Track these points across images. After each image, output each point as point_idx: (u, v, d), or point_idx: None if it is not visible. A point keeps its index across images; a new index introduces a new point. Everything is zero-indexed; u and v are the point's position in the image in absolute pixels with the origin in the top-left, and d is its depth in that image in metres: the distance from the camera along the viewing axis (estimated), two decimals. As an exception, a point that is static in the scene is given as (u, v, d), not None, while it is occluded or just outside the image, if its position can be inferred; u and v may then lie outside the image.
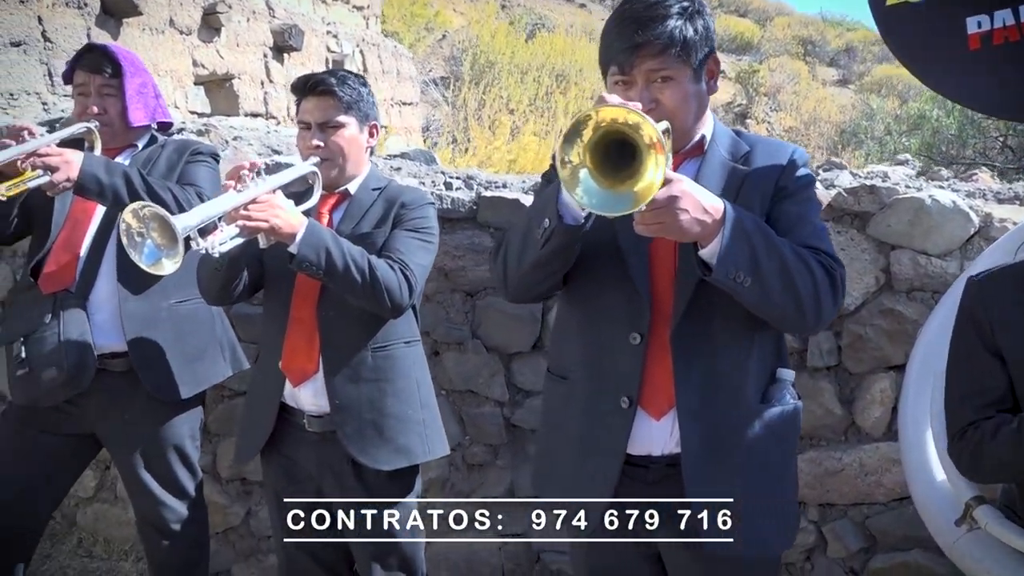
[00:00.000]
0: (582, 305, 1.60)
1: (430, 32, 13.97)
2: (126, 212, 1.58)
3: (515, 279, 1.55)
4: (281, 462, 2.11)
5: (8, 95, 3.63)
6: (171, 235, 1.58)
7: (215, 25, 4.94)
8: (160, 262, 1.61)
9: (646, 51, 1.47)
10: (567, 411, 1.62)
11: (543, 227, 1.42)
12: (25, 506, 2.28)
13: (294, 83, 2.13)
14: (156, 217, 1.58)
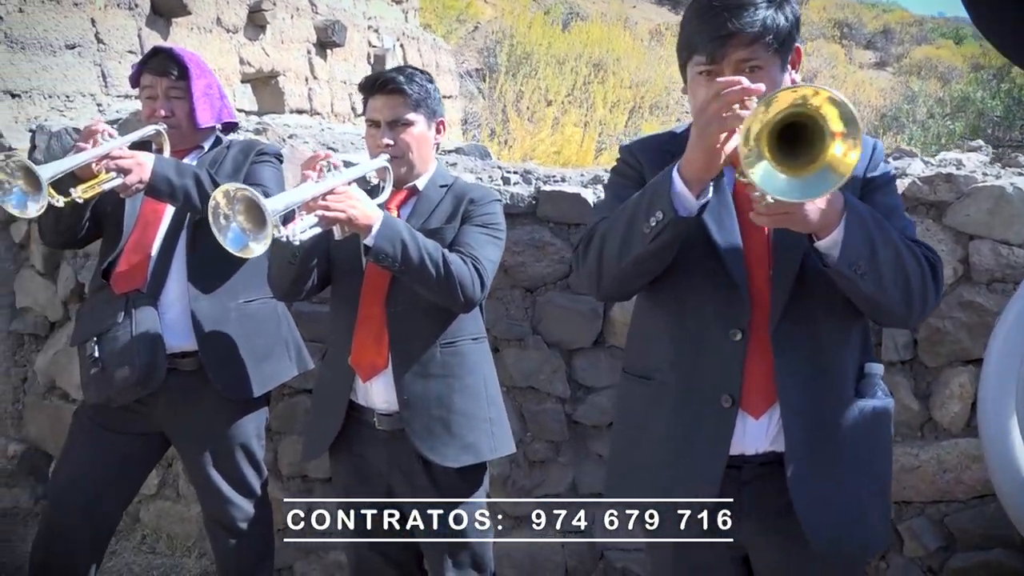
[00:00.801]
0: (672, 303, 1.56)
1: (462, 24, 13.94)
2: (218, 192, 1.57)
3: (612, 276, 1.49)
4: (351, 460, 2.11)
5: (64, 97, 3.67)
6: (258, 218, 1.58)
7: (260, 23, 4.96)
8: (247, 246, 1.60)
9: (738, 40, 1.43)
10: (654, 412, 1.58)
11: (654, 220, 1.36)
12: (98, 505, 2.32)
13: (362, 82, 2.12)
14: (245, 199, 1.57)
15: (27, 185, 1.98)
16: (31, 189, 1.98)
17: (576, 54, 9.27)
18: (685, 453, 1.52)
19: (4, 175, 1.97)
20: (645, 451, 1.59)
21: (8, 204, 1.98)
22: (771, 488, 1.49)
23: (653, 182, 1.40)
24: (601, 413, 2.80)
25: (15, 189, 1.98)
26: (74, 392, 3.36)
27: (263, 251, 1.60)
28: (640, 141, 1.75)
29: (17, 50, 3.50)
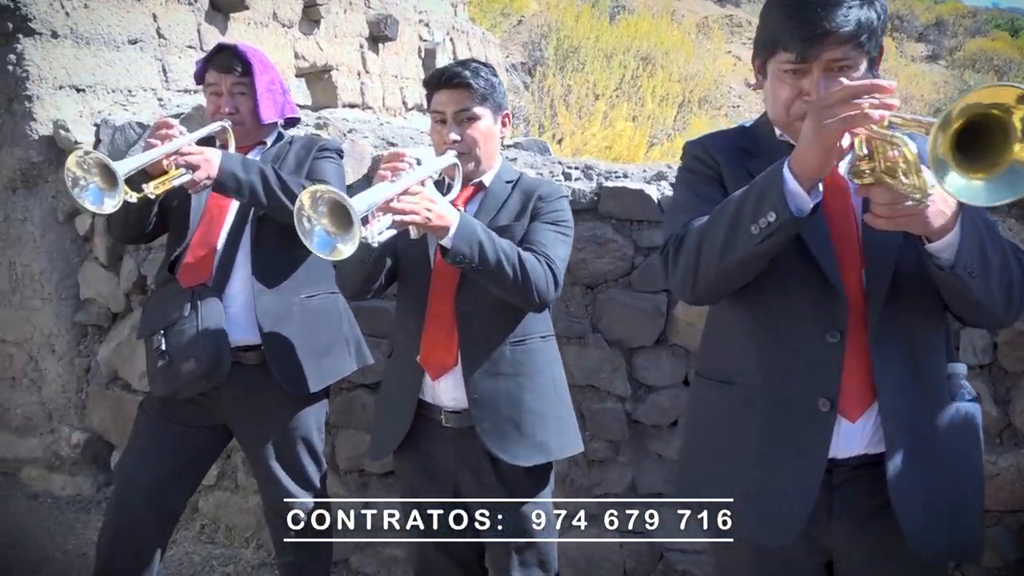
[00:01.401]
0: (760, 305, 1.51)
1: (506, 17, 13.92)
2: (304, 194, 1.56)
3: (711, 279, 1.44)
4: (418, 458, 2.10)
5: (127, 91, 3.72)
6: (343, 220, 1.56)
7: (315, 17, 4.98)
8: (336, 248, 1.58)
9: (832, 39, 1.38)
10: (740, 418, 1.53)
11: (765, 221, 1.31)
12: (163, 495, 2.35)
13: (427, 77, 2.11)
14: (330, 201, 1.56)
15: (103, 182, 2.00)
16: (107, 186, 1.99)
17: (624, 47, 9.18)
18: (778, 459, 1.48)
19: (81, 171, 1.99)
20: (731, 457, 1.55)
21: (85, 200, 2.01)
22: (863, 490, 1.46)
23: (760, 181, 1.35)
24: (662, 413, 2.76)
25: (91, 186, 2.00)
26: (136, 382, 3.41)
27: (351, 252, 1.58)
28: (709, 137, 1.71)
29: (82, 45, 3.55)
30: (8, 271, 3.58)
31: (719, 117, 9.49)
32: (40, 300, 3.53)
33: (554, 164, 2.99)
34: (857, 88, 1.22)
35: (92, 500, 3.55)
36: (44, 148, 3.42)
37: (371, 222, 1.67)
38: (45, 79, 3.39)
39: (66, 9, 3.49)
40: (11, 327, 3.64)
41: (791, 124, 1.49)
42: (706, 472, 1.62)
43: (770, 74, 1.50)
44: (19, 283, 3.57)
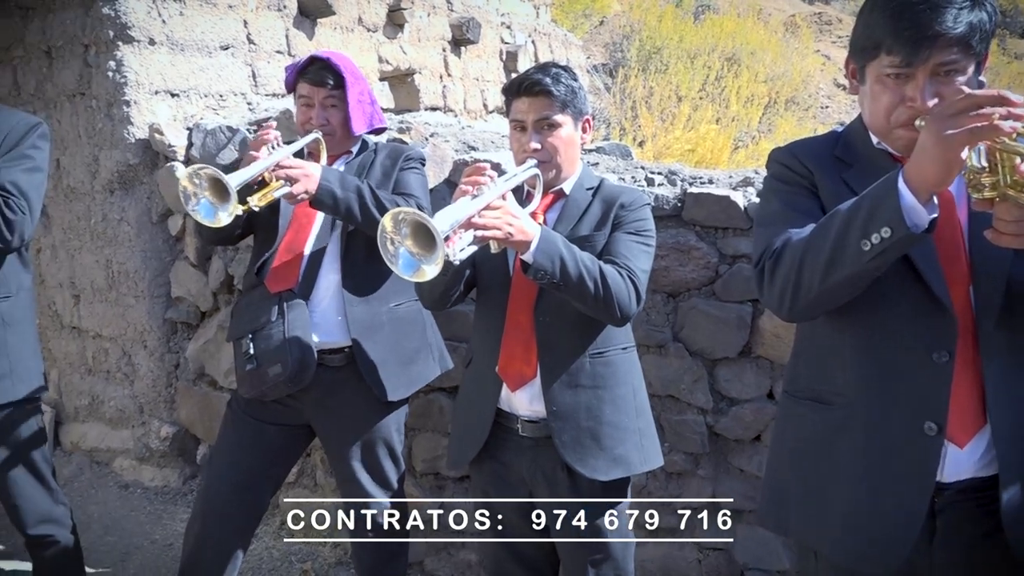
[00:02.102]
0: (861, 323, 1.43)
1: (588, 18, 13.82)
2: (386, 218, 1.56)
3: (812, 296, 1.36)
4: (493, 466, 2.09)
5: (218, 96, 3.83)
6: (426, 241, 1.56)
7: (399, 22, 5.03)
8: (420, 269, 1.59)
9: (942, 42, 1.30)
10: (837, 440, 1.46)
11: (878, 236, 1.23)
12: (248, 491, 2.41)
13: (506, 84, 2.08)
14: (412, 223, 1.56)
15: (213, 195, 2.04)
16: (218, 200, 2.04)
17: (708, 48, 8.99)
18: (881, 485, 1.40)
19: (192, 186, 2.04)
20: (825, 481, 1.48)
21: (197, 214, 2.06)
22: (969, 514, 1.39)
23: (871, 193, 1.27)
24: (745, 427, 2.68)
25: (203, 200, 2.05)
26: (221, 379, 3.50)
27: (436, 272, 1.57)
28: (798, 145, 1.64)
29: (177, 52, 3.67)
30: (105, 269, 3.73)
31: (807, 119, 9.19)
32: (134, 297, 3.67)
33: (636, 169, 2.94)
34: (983, 98, 1.14)
35: (179, 492, 3.66)
36: (140, 151, 3.55)
37: (452, 239, 1.66)
38: (142, 84, 3.51)
39: (163, 17, 3.61)
40: (107, 323, 3.79)
41: (891, 132, 1.41)
42: (796, 496, 1.55)
43: (869, 78, 1.43)
44: (115, 280, 3.71)
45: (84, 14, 3.55)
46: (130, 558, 3.21)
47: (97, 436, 3.91)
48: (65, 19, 3.62)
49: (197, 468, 3.72)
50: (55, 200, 3.83)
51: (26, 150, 2.25)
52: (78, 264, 3.84)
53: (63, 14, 3.64)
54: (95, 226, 3.71)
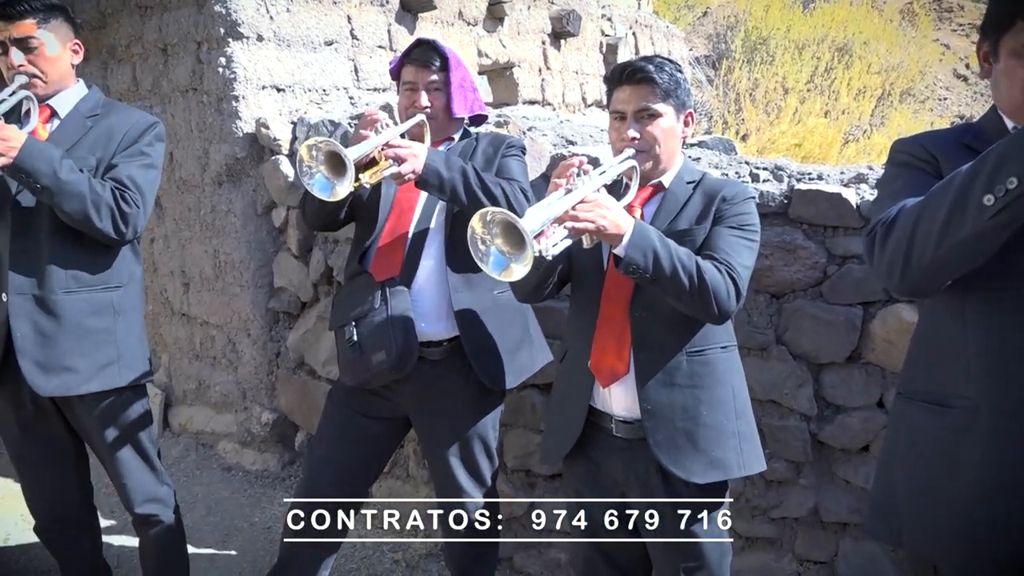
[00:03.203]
0: (988, 317, 1.32)
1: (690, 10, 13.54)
2: (475, 219, 1.55)
3: (926, 262, 1.27)
4: (586, 465, 2.05)
5: (321, 91, 3.90)
6: (516, 240, 1.53)
7: (499, 15, 5.02)
8: (509, 268, 1.56)
9: None
10: (956, 447, 1.35)
11: (1003, 188, 1.14)
12: (348, 480, 2.45)
13: (608, 73, 2.03)
14: (502, 222, 1.53)
15: (329, 170, 2.05)
16: (333, 174, 2.05)
17: (818, 38, 8.63)
18: (1009, 494, 1.29)
19: (309, 159, 2.05)
20: (945, 490, 1.37)
21: (313, 188, 2.07)
22: None
23: (996, 148, 1.16)
24: (852, 436, 2.54)
25: (318, 174, 2.06)
26: (319, 369, 3.58)
27: (526, 272, 1.54)
28: (924, 135, 1.54)
29: (284, 47, 3.76)
30: (213, 258, 3.86)
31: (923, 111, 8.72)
32: (239, 287, 3.79)
33: (741, 164, 2.82)
34: None
35: (277, 477, 3.77)
36: (247, 145, 3.65)
37: (545, 234, 1.63)
38: (250, 80, 3.62)
39: (271, 14, 3.70)
40: (214, 311, 3.93)
41: None
42: (910, 505, 1.45)
43: (1003, 54, 1.32)
44: (222, 270, 3.84)
45: (197, 12, 3.68)
46: (231, 539, 3.32)
47: (203, 419, 4.07)
48: (180, 17, 3.76)
49: (295, 454, 3.81)
50: (168, 192, 4.00)
51: (143, 147, 2.33)
52: (188, 253, 3.99)
53: (178, 12, 3.78)
54: (204, 217, 3.85)
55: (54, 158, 2.15)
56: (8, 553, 3.22)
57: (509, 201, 2.23)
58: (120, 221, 2.26)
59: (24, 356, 2.23)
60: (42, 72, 2.27)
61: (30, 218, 2.25)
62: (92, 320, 2.31)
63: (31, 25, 2.24)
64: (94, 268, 2.31)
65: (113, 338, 2.34)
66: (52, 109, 2.34)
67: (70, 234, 2.25)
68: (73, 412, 2.38)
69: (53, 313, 2.25)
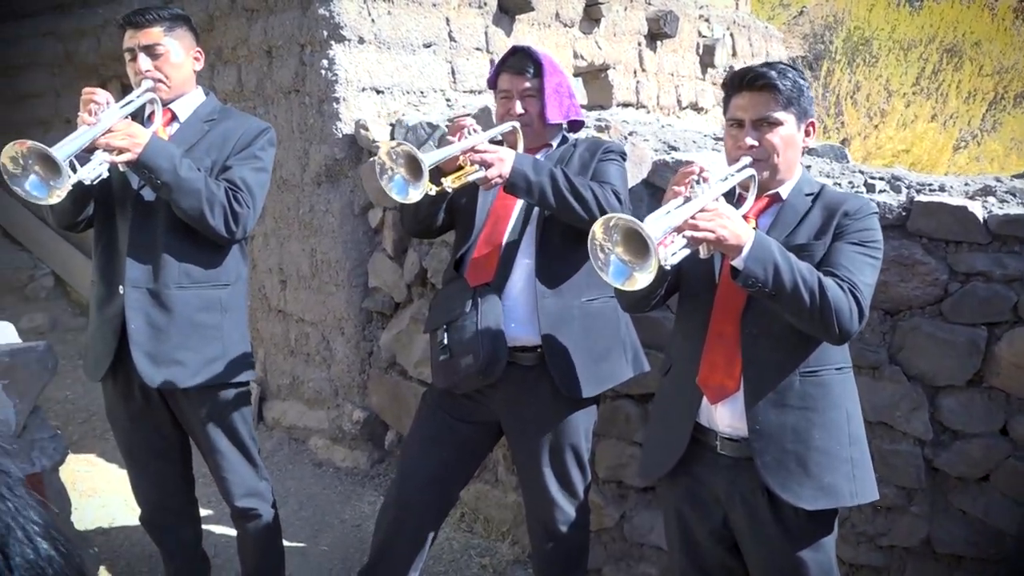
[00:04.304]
0: None
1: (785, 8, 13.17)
2: (596, 225, 1.52)
3: None
4: (687, 482, 1.99)
5: (419, 93, 3.92)
6: (638, 247, 1.50)
7: (595, 16, 4.96)
8: (632, 277, 1.54)
9: None
10: None
11: None
12: (440, 483, 2.47)
13: (727, 78, 1.96)
14: (624, 229, 1.50)
15: (408, 172, 2.10)
16: (411, 177, 2.10)
17: (926, 38, 8.25)
18: None
19: (389, 161, 2.10)
20: None
21: (391, 190, 2.12)
22: None
23: None
24: (971, 464, 2.40)
25: (397, 176, 2.11)
26: (411, 370, 3.60)
27: (649, 281, 1.51)
28: None
29: (383, 50, 3.80)
30: (310, 257, 3.93)
31: (1038, 115, 8.24)
32: (335, 286, 3.84)
33: (854, 173, 2.70)
34: None
35: (367, 475, 3.81)
36: (346, 146, 3.70)
37: (663, 243, 1.58)
38: (351, 82, 3.66)
39: (372, 16, 3.74)
40: (309, 308, 4.00)
41: None
42: None
43: None
44: (318, 269, 3.91)
45: (302, 15, 3.74)
46: (321, 535, 3.37)
47: (296, 414, 4.15)
48: (284, 20, 3.84)
49: (385, 453, 3.85)
50: (269, 191, 4.07)
51: (256, 151, 2.40)
52: (286, 252, 4.08)
53: (283, 15, 3.86)
54: (303, 216, 3.92)
55: (175, 156, 2.23)
56: (112, 535, 3.35)
57: (600, 203, 2.22)
58: (231, 220, 2.31)
59: (137, 348, 2.31)
60: (166, 77, 2.36)
61: (149, 213, 2.33)
62: (201, 316, 2.37)
63: (158, 33, 2.33)
64: (205, 265, 2.38)
65: (220, 334, 2.40)
66: (173, 113, 2.43)
67: (185, 231, 2.32)
68: (179, 406, 2.45)
69: (165, 307, 2.32)
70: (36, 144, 2.00)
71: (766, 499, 1.86)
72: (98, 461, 3.99)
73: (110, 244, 2.37)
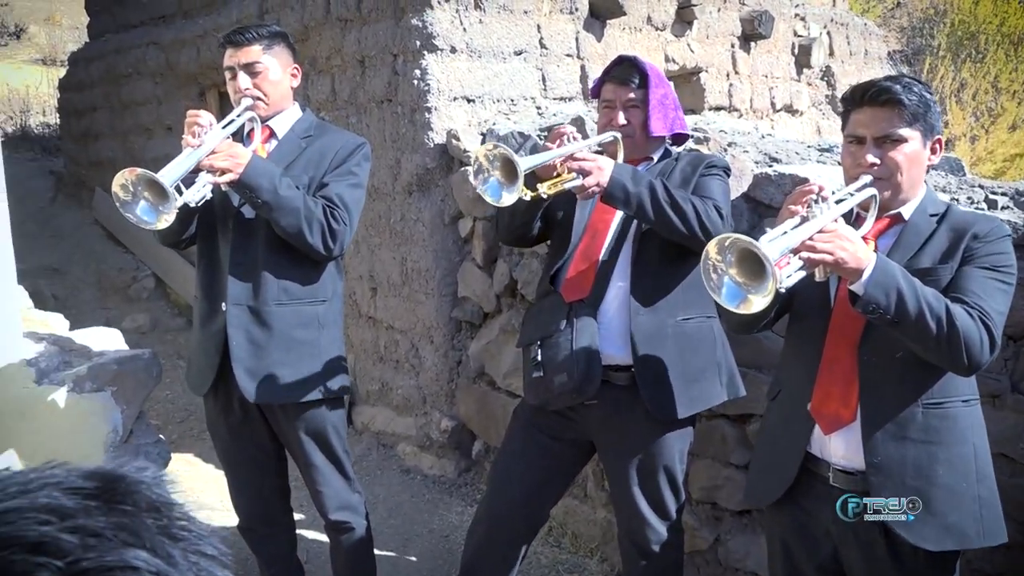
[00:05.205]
0: None
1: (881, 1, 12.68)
2: (711, 244, 1.48)
3: None
4: (795, 513, 1.92)
5: (510, 101, 3.90)
6: (753, 268, 1.44)
7: (688, 19, 4.85)
8: (747, 300, 1.49)
9: None
10: None
11: None
12: (531, 498, 2.45)
13: (847, 93, 1.87)
14: (739, 250, 1.44)
15: (503, 176, 2.09)
16: (506, 180, 2.08)
17: (1039, 32, 7.81)
18: None
19: (486, 163, 2.09)
20: None
21: (485, 192, 2.11)
22: None
23: None
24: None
25: (492, 179, 2.10)
26: (500, 381, 3.58)
27: (765, 304, 1.45)
28: None
29: (475, 58, 3.79)
30: (400, 265, 3.96)
31: None
32: (424, 294, 3.86)
33: (973, 188, 2.54)
34: None
35: (454, 483, 3.81)
36: (437, 155, 3.71)
37: (778, 264, 1.52)
38: (443, 91, 3.67)
39: (464, 26, 3.74)
40: (399, 316, 4.03)
41: None
42: None
43: None
44: (408, 277, 3.93)
45: (395, 25, 3.77)
46: (410, 544, 3.39)
47: (384, 420, 4.19)
48: (378, 30, 3.87)
49: (472, 462, 3.85)
50: (360, 199, 4.13)
51: (352, 167, 2.42)
52: (377, 259, 4.12)
53: (376, 25, 3.89)
54: (394, 225, 3.96)
55: (275, 175, 2.26)
56: (210, 537, 3.44)
57: (700, 218, 2.15)
58: (329, 237, 2.34)
59: (238, 364, 2.36)
60: (265, 95, 2.40)
61: (249, 231, 2.38)
62: (299, 332, 2.40)
63: (257, 51, 2.37)
64: (303, 282, 2.41)
65: (317, 350, 2.43)
66: (271, 130, 2.47)
67: (283, 248, 2.35)
68: (276, 419, 2.48)
69: (265, 324, 2.36)
70: (145, 172, 2.06)
71: (883, 537, 1.77)
72: (196, 461, 4.12)
73: (212, 261, 2.42)
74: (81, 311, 5.61)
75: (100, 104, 7.01)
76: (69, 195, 7.59)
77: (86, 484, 0.48)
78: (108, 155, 6.85)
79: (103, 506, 0.47)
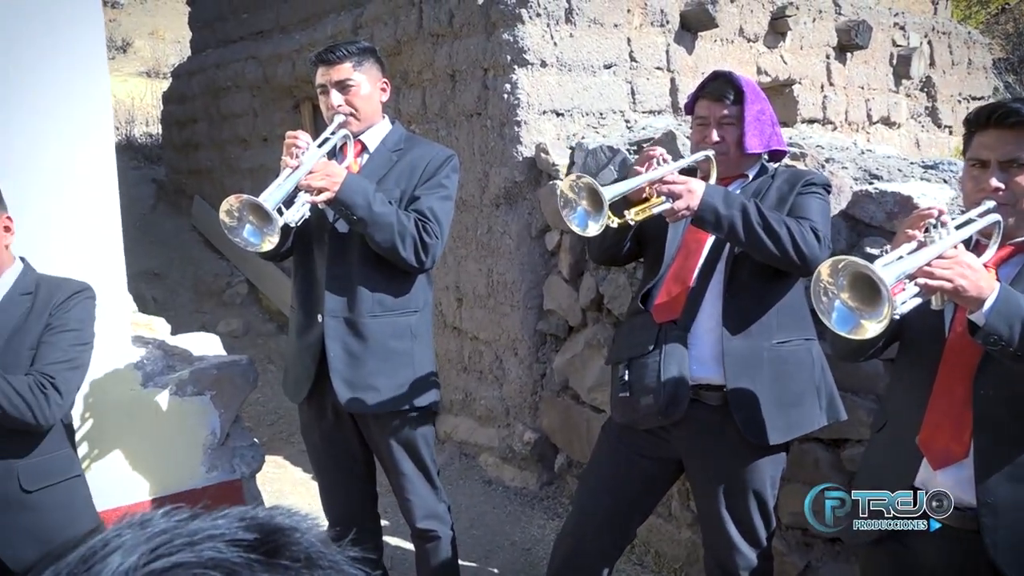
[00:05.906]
0: None
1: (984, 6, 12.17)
2: (823, 267, 1.45)
3: None
4: (896, 549, 1.84)
5: (598, 114, 3.90)
6: (867, 293, 1.41)
7: (781, 30, 4.76)
8: (860, 325, 1.45)
9: None
10: None
11: None
12: (619, 517, 2.41)
13: (971, 114, 1.79)
14: (851, 273, 1.41)
15: (590, 205, 2.08)
16: (593, 209, 2.07)
17: None
18: None
19: (572, 194, 2.09)
20: None
21: (572, 222, 2.10)
22: None
23: None
24: None
25: (579, 208, 2.09)
26: (584, 395, 3.57)
27: (880, 331, 1.41)
28: None
29: (564, 72, 3.80)
30: (486, 277, 4.00)
31: None
32: (510, 307, 3.88)
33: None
34: None
35: (536, 496, 3.81)
36: (525, 169, 3.73)
37: (894, 291, 1.46)
38: (532, 105, 3.69)
39: (555, 40, 3.75)
40: (484, 327, 4.06)
41: None
42: None
43: None
44: (494, 289, 3.96)
45: (486, 40, 3.81)
46: (492, 556, 3.40)
47: (467, 430, 4.22)
48: (469, 45, 3.92)
49: (554, 475, 3.84)
50: (448, 211, 4.19)
51: (442, 179, 2.46)
52: (463, 271, 4.16)
53: (467, 40, 3.94)
54: (480, 237, 3.99)
55: (369, 192, 2.31)
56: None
57: (795, 241, 2.09)
58: (421, 251, 2.38)
59: (336, 374, 2.42)
60: (356, 110, 2.46)
61: (344, 246, 2.44)
62: (394, 342, 2.45)
63: (348, 68, 2.44)
64: (396, 293, 2.46)
65: (411, 360, 2.48)
66: (363, 144, 2.53)
67: (377, 262, 2.41)
68: (368, 428, 2.53)
69: (361, 335, 2.42)
70: (248, 197, 2.14)
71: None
72: (285, 464, 4.24)
73: (308, 274, 2.49)
74: (179, 314, 5.84)
75: (200, 116, 7.32)
76: (169, 202, 7.93)
77: (247, 536, 0.49)
78: (207, 164, 7.13)
79: (264, 561, 0.48)
